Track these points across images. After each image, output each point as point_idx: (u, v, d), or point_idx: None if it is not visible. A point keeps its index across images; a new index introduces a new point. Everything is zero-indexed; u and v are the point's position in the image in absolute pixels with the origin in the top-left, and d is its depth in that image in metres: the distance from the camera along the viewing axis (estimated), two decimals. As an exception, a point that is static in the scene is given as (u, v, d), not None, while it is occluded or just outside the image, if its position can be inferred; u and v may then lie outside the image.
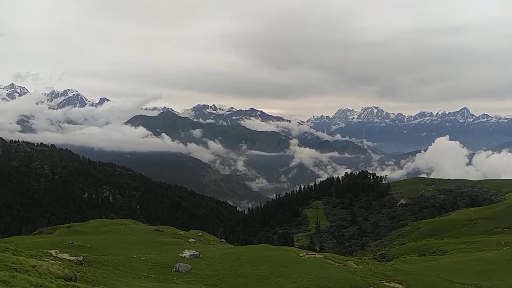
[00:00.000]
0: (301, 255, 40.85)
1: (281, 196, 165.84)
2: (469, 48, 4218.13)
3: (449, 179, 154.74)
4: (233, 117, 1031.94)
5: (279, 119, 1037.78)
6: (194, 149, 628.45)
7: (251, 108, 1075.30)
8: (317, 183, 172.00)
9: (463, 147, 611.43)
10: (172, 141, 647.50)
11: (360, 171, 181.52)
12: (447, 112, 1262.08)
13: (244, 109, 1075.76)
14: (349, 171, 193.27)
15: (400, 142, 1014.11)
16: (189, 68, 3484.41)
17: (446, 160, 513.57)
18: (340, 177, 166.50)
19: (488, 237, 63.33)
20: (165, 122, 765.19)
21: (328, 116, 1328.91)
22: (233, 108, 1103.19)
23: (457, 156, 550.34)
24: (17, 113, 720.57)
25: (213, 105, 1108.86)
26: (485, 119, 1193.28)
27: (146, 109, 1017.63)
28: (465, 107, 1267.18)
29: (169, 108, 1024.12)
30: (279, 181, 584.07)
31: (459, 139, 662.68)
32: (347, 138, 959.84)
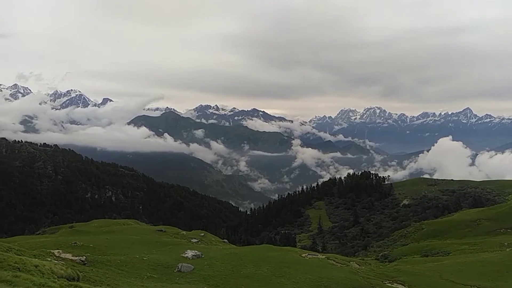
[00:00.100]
0: (303, 255, 40.84)
1: (283, 196, 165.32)
2: (471, 48, 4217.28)
3: (452, 179, 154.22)
4: (235, 118, 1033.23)
5: (281, 119, 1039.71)
6: (197, 149, 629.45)
7: (253, 109, 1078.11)
8: (319, 183, 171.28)
9: (466, 147, 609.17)
10: (175, 141, 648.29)
11: (363, 171, 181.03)
12: (450, 113, 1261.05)
13: (246, 110, 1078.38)
14: (351, 171, 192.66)
15: (403, 143, 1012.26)
16: (191, 68, 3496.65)
17: (449, 161, 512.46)
18: (342, 178, 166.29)
19: (491, 238, 63.07)
20: (167, 122, 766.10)
21: (330, 116, 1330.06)
22: (235, 108, 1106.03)
23: (460, 157, 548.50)
24: (20, 113, 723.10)
25: (216, 105, 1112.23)
26: (488, 120, 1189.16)
27: (148, 109, 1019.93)
28: (468, 108, 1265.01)
29: (171, 109, 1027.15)
30: (281, 181, 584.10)
31: (462, 140, 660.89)
32: (349, 138, 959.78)
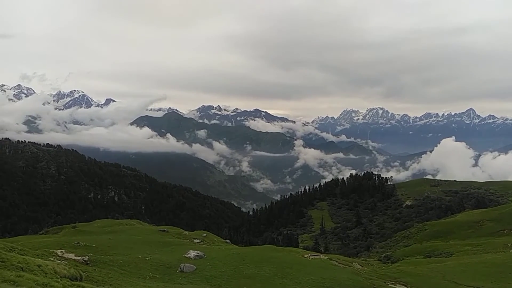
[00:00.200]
0: (305, 256, 40.81)
1: (285, 197, 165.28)
2: (475, 48, 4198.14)
3: (455, 180, 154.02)
4: (238, 118, 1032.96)
5: (283, 120, 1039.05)
6: (199, 150, 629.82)
7: (256, 109, 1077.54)
8: (322, 184, 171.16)
9: (469, 148, 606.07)
10: (177, 141, 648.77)
11: (365, 172, 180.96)
12: (453, 113, 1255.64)
13: (248, 110, 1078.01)
14: (354, 172, 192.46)
15: (406, 143, 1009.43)
16: (194, 69, 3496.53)
17: (452, 162, 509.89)
18: (345, 178, 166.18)
19: (495, 239, 62.78)
20: (170, 122, 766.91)
21: (333, 117, 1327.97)
22: (237, 109, 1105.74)
23: (463, 157, 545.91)
24: (23, 113, 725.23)
25: (218, 105, 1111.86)
26: (492, 120, 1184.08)
27: (151, 109, 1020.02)
28: (471, 108, 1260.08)
29: (174, 109, 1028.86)
30: (284, 182, 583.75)
31: (465, 140, 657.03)
32: (352, 139, 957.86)
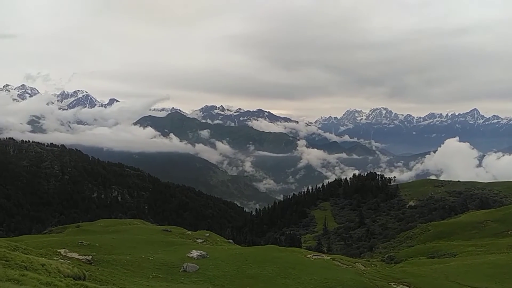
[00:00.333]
0: (308, 256, 40.78)
1: (288, 197, 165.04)
2: (478, 48, 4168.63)
3: (458, 181, 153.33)
4: (241, 118, 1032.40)
5: (286, 120, 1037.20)
6: (202, 150, 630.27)
7: (259, 109, 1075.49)
8: (325, 184, 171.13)
9: (473, 148, 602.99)
10: (180, 141, 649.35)
11: (368, 172, 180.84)
12: (456, 113, 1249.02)
13: (251, 110, 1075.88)
14: (357, 172, 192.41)
15: (409, 144, 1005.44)
16: (197, 69, 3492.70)
17: (456, 162, 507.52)
18: (348, 179, 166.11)
19: (498, 239, 62.50)
20: (173, 122, 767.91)
21: (336, 117, 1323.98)
22: (240, 109, 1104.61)
23: (467, 158, 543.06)
24: (27, 113, 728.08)
25: (221, 106, 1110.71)
26: (496, 121, 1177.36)
27: (154, 109, 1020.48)
28: (475, 108, 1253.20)
29: (177, 109, 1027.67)
30: (287, 182, 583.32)
31: (469, 141, 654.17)
32: (355, 139, 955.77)
